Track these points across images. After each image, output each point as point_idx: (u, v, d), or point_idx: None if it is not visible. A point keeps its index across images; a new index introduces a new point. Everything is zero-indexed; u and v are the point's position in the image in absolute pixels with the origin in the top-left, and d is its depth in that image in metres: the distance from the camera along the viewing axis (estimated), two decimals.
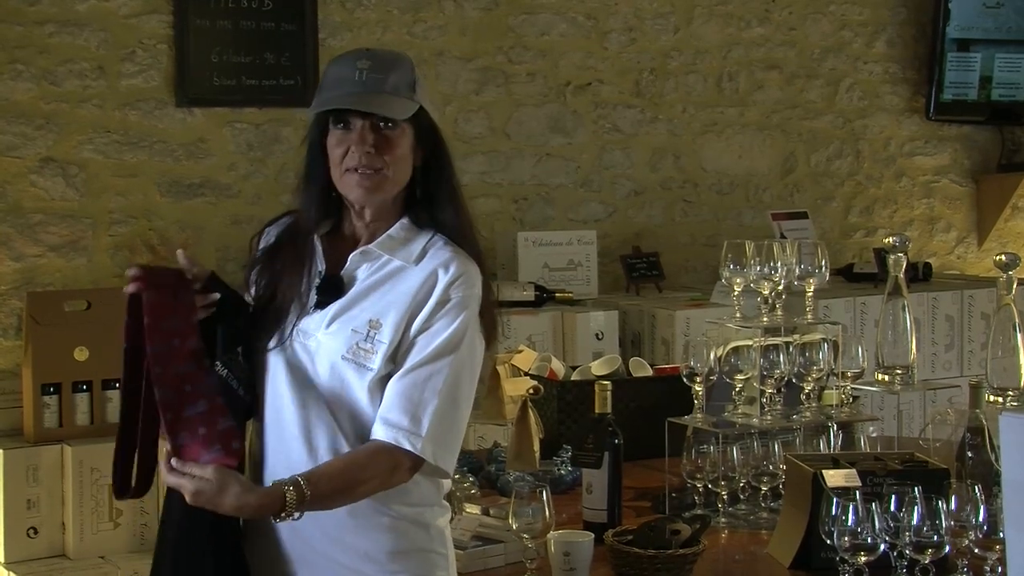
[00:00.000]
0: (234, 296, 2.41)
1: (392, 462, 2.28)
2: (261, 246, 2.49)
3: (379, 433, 2.29)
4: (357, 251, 2.40)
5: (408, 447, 2.27)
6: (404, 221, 2.41)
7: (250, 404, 2.38)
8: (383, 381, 2.33)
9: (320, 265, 2.41)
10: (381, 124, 2.34)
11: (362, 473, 2.27)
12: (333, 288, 2.38)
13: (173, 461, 2.19)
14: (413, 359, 2.32)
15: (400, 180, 2.38)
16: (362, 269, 2.39)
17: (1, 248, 4.41)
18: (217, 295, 2.36)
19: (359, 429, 2.33)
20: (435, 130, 2.42)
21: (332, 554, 2.35)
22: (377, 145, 2.33)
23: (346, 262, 2.40)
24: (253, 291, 2.46)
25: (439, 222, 2.41)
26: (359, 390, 2.32)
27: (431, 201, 2.41)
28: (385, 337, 2.32)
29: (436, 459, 2.31)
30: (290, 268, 2.41)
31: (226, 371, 2.34)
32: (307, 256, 2.41)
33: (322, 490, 2.22)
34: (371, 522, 2.34)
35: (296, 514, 2.20)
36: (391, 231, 2.40)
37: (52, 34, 4.47)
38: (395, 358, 2.33)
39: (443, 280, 2.34)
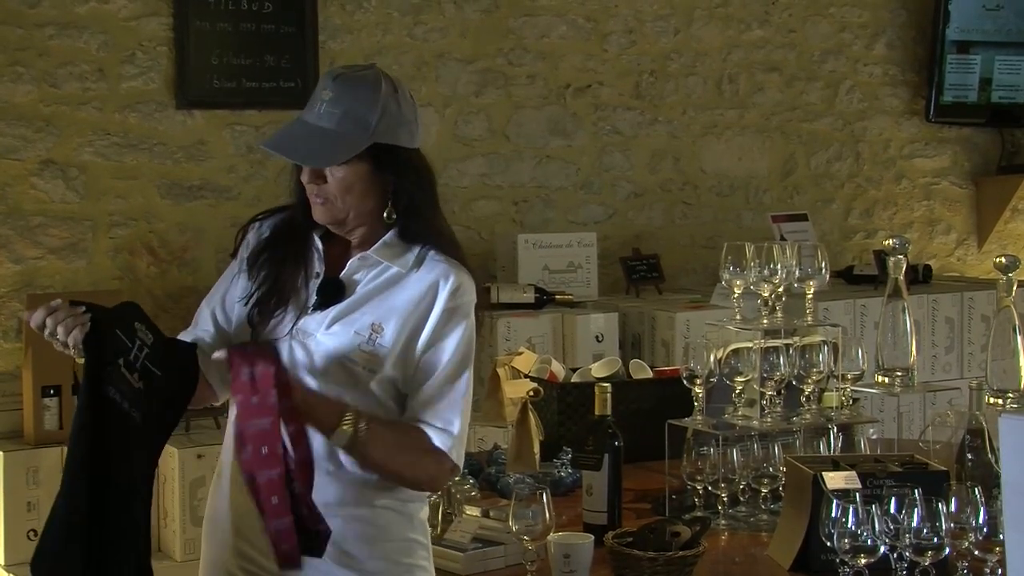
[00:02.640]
0: (101, 309, 2.28)
1: (437, 457, 2.35)
2: (253, 239, 2.53)
3: (414, 420, 2.37)
4: (356, 257, 2.44)
5: (450, 453, 2.37)
6: (394, 232, 2.44)
7: (142, 423, 2.25)
8: (383, 384, 2.37)
9: (319, 266, 2.45)
10: None
11: (410, 439, 2.34)
12: (333, 290, 2.42)
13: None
14: (433, 369, 2.38)
15: (358, 208, 2.40)
16: (361, 274, 2.43)
17: (1, 250, 4.41)
18: (82, 309, 2.24)
19: None
20: (401, 155, 2.40)
21: None
22: (321, 179, 2.37)
23: (343, 265, 2.44)
24: (248, 279, 2.47)
25: (425, 235, 2.44)
26: (359, 392, 2.36)
27: (414, 216, 2.44)
28: (387, 341, 2.37)
29: (461, 465, 2.41)
30: (290, 265, 2.45)
31: (112, 390, 2.21)
32: (306, 255, 2.45)
33: (379, 432, 2.30)
34: (359, 512, 2.40)
35: (347, 437, 2.25)
36: (386, 239, 2.44)
37: (52, 36, 4.47)
38: (396, 363, 2.37)
39: (445, 290, 2.39)
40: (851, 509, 2.42)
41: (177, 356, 2.33)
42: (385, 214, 2.41)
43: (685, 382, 3.13)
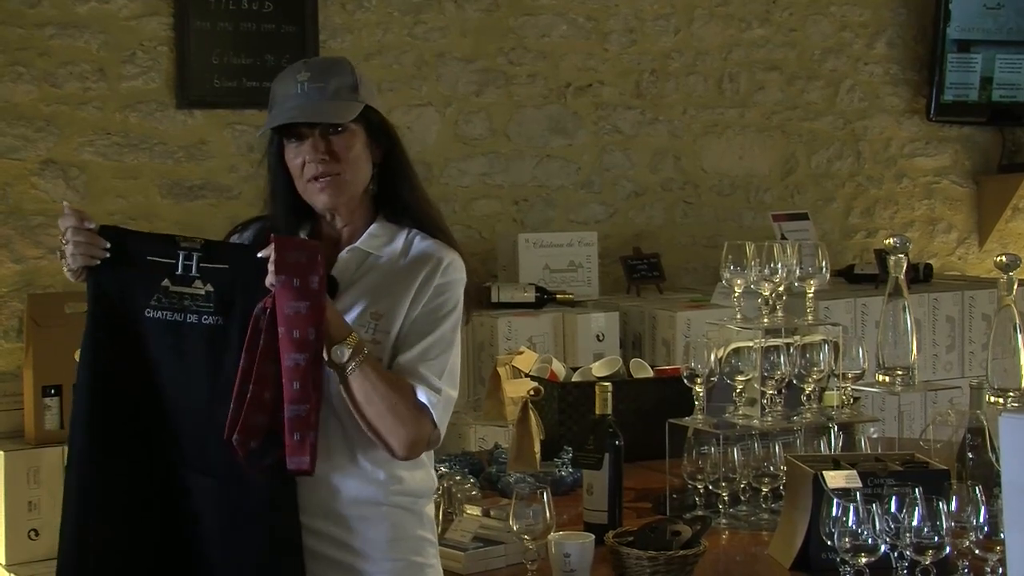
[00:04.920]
0: (131, 239, 2.35)
1: (418, 414, 2.33)
2: None
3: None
4: (345, 251, 2.45)
5: (433, 411, 2.34)
6: (380, 219, 2.48)
7: (227, 324, 2.30)
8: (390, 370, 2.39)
9: None
10: (330, 130, 2.39)
11: (399, 384, 2.33)
12: (328, 288, 2.41)
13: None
14: (423, 334, 2.38)
15: (360, 180, 2.44)
16: (352, 267, 2.45)
17: (2, 250, 4.41)
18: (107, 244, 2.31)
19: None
20: (387, 125, 2.48)
21: (335, 544, 2.39)
22: (330, 152, 2.38)
23: (333, 262, 2.44)
24: None
25: (411, 217, 2.48)
26: None
27: (398, 197, 2.48)
28: (389, 327, 2.39)
29: (442, 433, 2.38)
30: None
31: (167, 314, 2.29)
32: None
33: (374, 365, 2.30)
34: (372, 512, 2.40)
35: (347, 355, 2.25)
36: (372, 229, 2.46)
37: (52, 36, 4.47)
38: (397, 347, 2.40)
39: (438, 270, 2.42)
40: (852, 508, 2.42)
41: (240, 250, 2.39)
42: (378, 186, 2.46)
43: (686, 381, 3.13)
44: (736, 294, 3.12)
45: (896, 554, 2.45)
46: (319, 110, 2.37)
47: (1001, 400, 2.89)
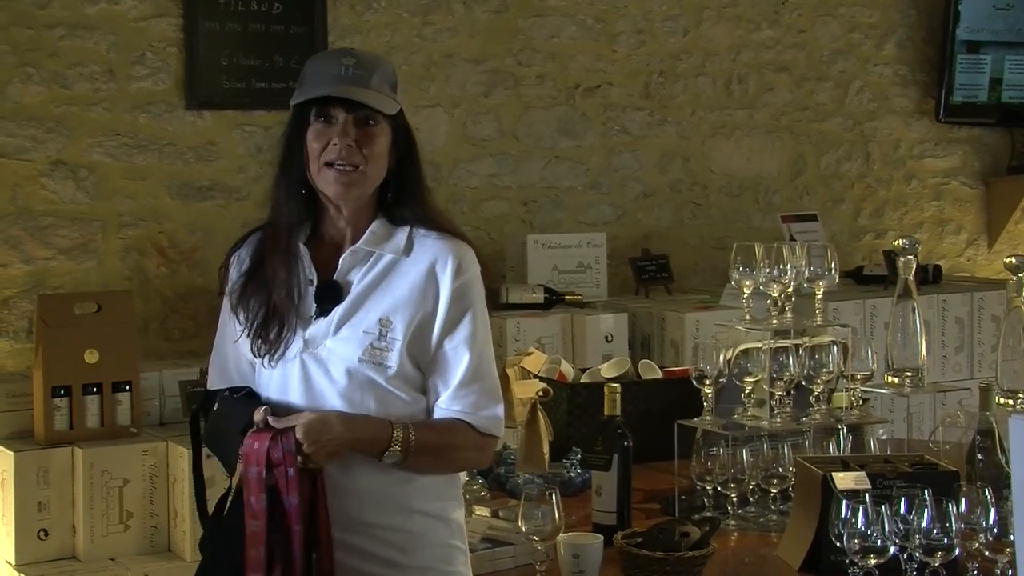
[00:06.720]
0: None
1: (478, 439, 2.39)
2: (235, 274, 2.48)
3: (454, 414, 2.38)
4: (347, 253, 2.41)
5: (497, 433, 2.41)
6: (380, 217, 2.44)
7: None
8: (398, 378, 2.35)
9: (310, 273, 2.42)
10: (363, 120, 2.36)
11: (455, 438, 2.36)
12: (331, 294, 2.40)
13: (270, 419, 2.26)
14: (460, 359, 2.37)
15: (376, 178, 2.41)
16: (355, 270, 2.41)
17: (12, 251, 4.42)
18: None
19: None
20: (410, 133, 2.46)
21: (359, 554, 2.36)
22: (358, 140, 2.35)
23: (335, 266, 2.41)
24: (241, 316, 2.44)
25: (414, 219, 2.44)
26: (381, 389, 2.35)
27: (403, 201, 2.45)
28: (398, 333, 2.35)
29: (500, 435, 2.44)
30: (280, 280, 2.40)
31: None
32: (294, 264, 2.41)
33: (425, 438, 2.32)
34: (396, 519, 2.37)
35: (397, 455, 2.28)
36: (373, 227, 2.43)
37: (62, 37, 4.48)
38: (409, 353, 2.36)
39: (446, 272, 2.39)
40: (861, 509, 2.42)
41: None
42: (390, 192, 2.44)
43: (695, 382, 3.13)
44: (745, 295, 3.13)
45: (905, 556, 2.45)
46: (365, 94, 2.34)
47: (1011, 401, 2.89)
